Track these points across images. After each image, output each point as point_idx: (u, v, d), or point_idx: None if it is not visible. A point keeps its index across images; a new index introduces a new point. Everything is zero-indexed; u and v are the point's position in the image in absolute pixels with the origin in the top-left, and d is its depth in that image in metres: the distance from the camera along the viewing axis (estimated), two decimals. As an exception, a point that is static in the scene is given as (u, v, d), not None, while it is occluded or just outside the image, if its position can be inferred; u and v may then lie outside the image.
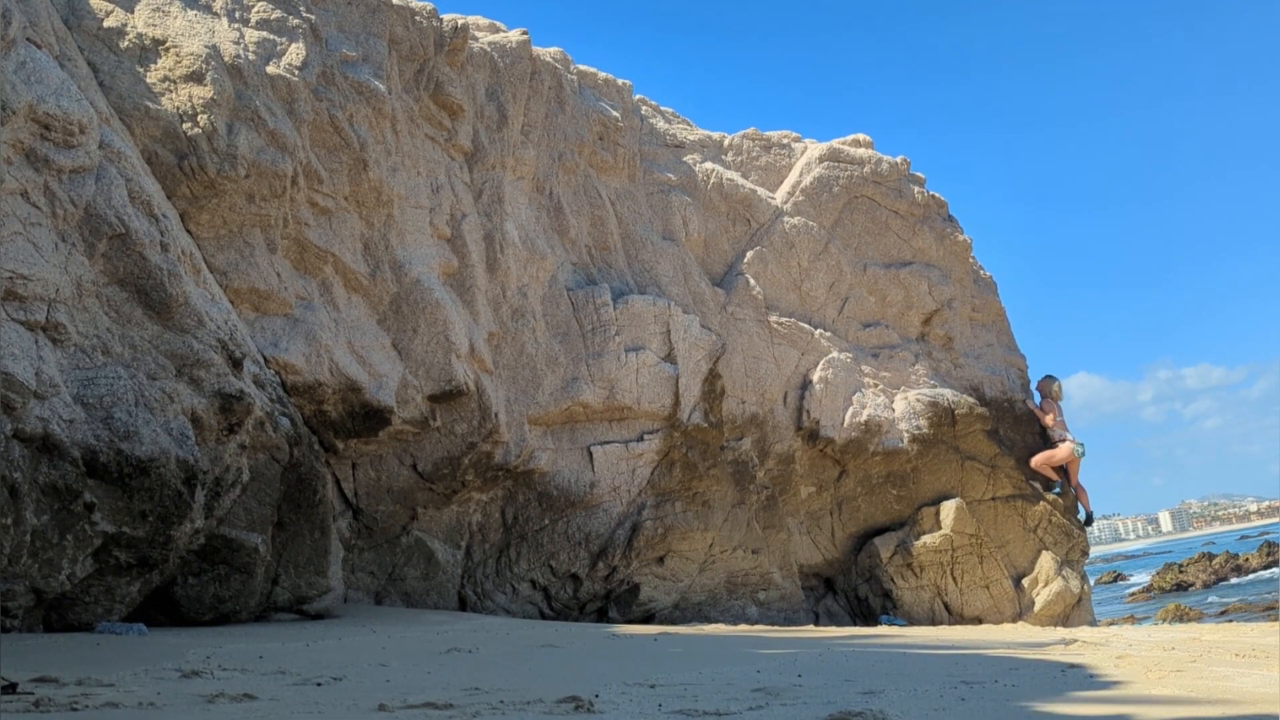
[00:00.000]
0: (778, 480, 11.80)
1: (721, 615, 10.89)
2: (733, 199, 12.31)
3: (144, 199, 5.99)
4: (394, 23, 8.59)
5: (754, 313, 11.86)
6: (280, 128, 7.10)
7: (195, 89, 6.64)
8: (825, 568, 12.50)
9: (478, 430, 8.74)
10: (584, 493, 9.83)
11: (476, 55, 9.66)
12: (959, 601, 12.19)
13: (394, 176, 8.32)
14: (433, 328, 8.34)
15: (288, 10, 7.58)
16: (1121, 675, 4.63)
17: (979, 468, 12.59)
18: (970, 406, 12.59)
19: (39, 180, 5.41)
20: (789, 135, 13.41)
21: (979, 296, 13.71)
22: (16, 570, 5.03)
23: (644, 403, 10.11)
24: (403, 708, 3.34)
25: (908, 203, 13.17)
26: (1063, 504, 13.01)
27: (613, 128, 11.13)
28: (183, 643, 5.18)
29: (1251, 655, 5.54)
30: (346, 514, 8.63)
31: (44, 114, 5.44)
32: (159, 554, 5.71)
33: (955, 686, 4.20)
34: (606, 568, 9.94)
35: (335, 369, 7.56)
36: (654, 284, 11.06)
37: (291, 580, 7.15)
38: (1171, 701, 3.69)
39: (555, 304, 10.05)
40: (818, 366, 12.02)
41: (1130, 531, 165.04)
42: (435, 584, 9.22)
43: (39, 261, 5.26)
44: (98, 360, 5.55)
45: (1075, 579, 12.59)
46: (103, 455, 5.37)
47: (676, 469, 10.41)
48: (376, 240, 8.25)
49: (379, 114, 8.12)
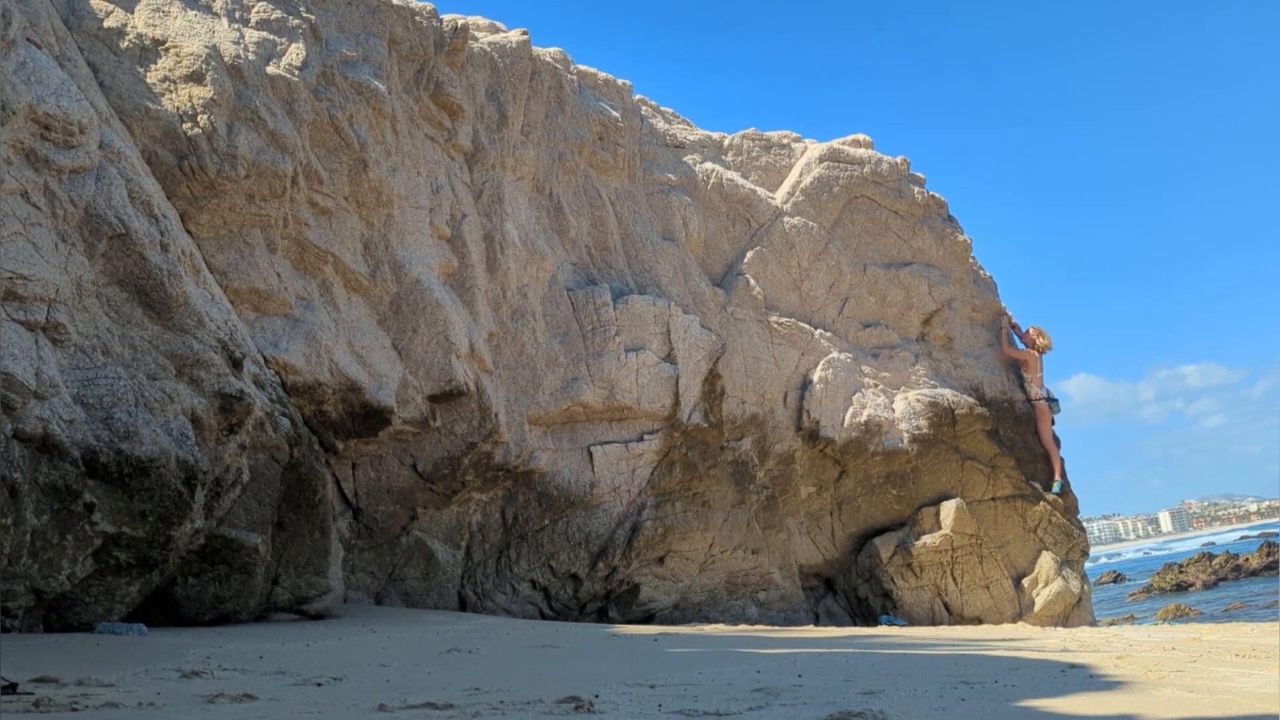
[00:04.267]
0: (778, 480, 11.80)
1: (721, 615, 10.89)
2: (733, 199, 12.31)
3: (144, 199, 5.99)
4: (394, 23, 8.59)
5: (754, 313, 11.86)
6: (280, 128, 7.10)
7: (195, 89, 6.64)
8: (825, 568, 12.50)
9: (478, 430, 8.74)
10: (584, 493, 9.83)
11: (476, 55, 9.66)
12: (959, 602, 12.18)
13: (394, 176, 8.32)
14: (433, 328, 8.34)
15: (288, 10, 7.57)
16: (1122, 675, 4.63)
17: (979, 468, 12.59)
18: (970, 406, 12.60)
19: (39, 180, 5.41)
20: (789, 135, 13.42)
21: (979, 296, 13.71)
22: (16, 570, 5.02)
23: (644, 403, 10.11)
24: (403, 708, 3.34)
25: (908, 203, 13.17)
26: (1063, 504, 13.02)
27: (613, 128, 11.13)
28: (183, 643, 5.18)
29: (1251, 655, 5.54)
30: (346, 514, 8.63)
31: (44, 114, 5.44)
32: (159, 554, 5.71)
33: (955, 686, 4.20)
34: (606, 568, 9.93)
35: (335, 369, 7.56)
36: (654, 284, 11.06)
37: (291, 580, 7.15)
38: (1172, 701, 3.69)
39: (555, 304, 10.05)
40: (818, 366, 12.03)
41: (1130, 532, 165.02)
42: (435, 584, 9.22)
43: (39, 261, 5.26)
44: (98, 360, 5.55)
45: (1075, 579, 12.58)
46: (103, 455, 5.37)
47: (676, 469, 10.41)
48: (376, 240, 8.25)
49: (379, 114, 8.12)
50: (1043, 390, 13.44)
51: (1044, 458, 13.26)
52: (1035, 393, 13.44)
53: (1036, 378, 13.50)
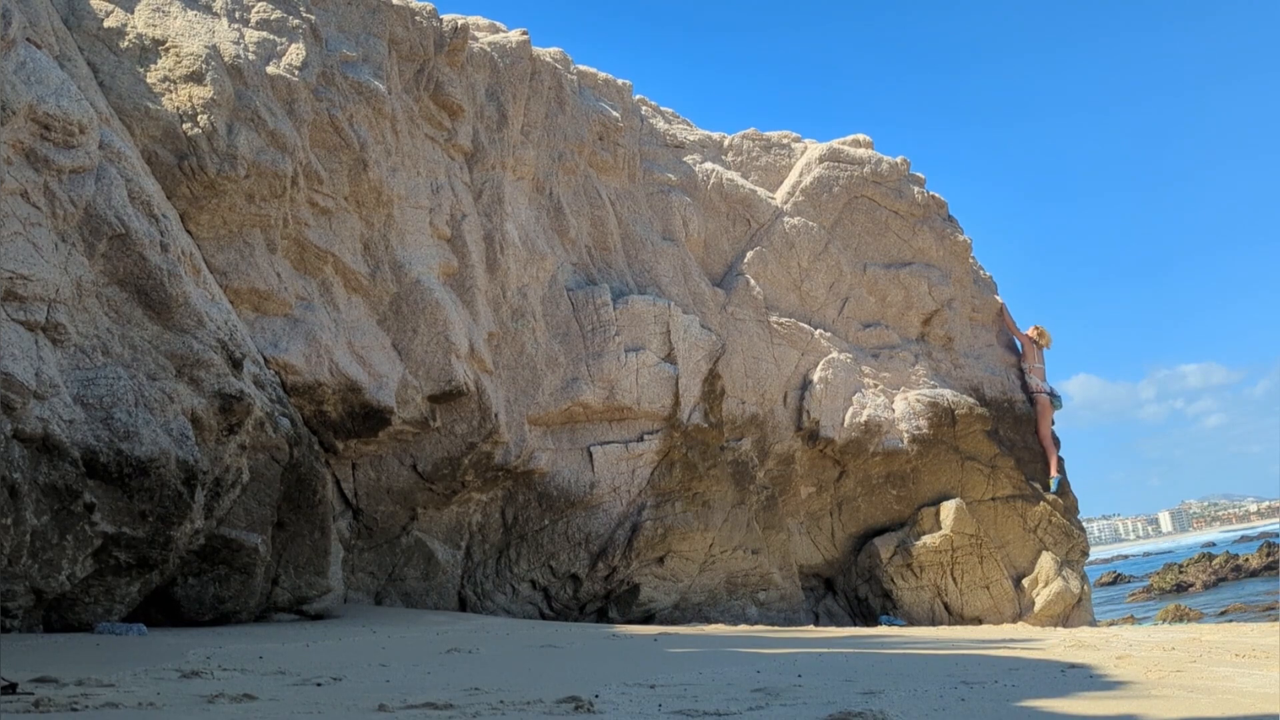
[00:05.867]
0: (778, 480, 11.80)
1: (721, 615, 10.89)
2: (733, 199, 12.31)
3: (144, 199, 5.99)
4: (394, 23, 8.59)
5: (754, 313, 11.86)
6: (280, 128, 7.10)
7: (195, 89, 6.64)
8: (825, 568, 12.50)
9: (478, 430, 8.74)
10: (584, 493, 9.83)
11: (476, 55, 9.66)
12: (959, 602, 12.18)
13: (394, 176, 8.32)
14: (433, 328, 8.34)
15: (288, 10, 7.57)
16: (1122, 675, 4.62)
17: (979, 468, 12.59)
18: (970, 407, 12.60)
19: (39, 180, 5.41)
20: (789, 135, 13.42)
21: (979, 296, 13.71)
22: (16, 570, 5.02)
23: (644, 403, 10.11)
24: (403, 708, 3.34)
25: (908, 203, 13.18)
26: (1063, 504, 13.02)
27: (613, 128, 11.13)
28: (183, 643, 5.18)
29: (1251, 655, 5.54)
30: (346, 514, 8.63)
31: (44, 114, 5.44)
32: (159, 554, 5.71)
33: (955, 686, 4.20)
34: (606, 568, 9.93)
35: (335, 369, 7.56)
36: (654, 284, 11.06)
37: (291, 580, 7.15)
38: (1172, 701, 3.69)
39: (555, 304, 10.05)
40: (818, 367, 12.03)
41: (1130, 532, 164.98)
42: (435, 584, 9.22)
43: (39, 262, 5.26)
44: (98, 360, 5.55)
45: (1075, 579, 12.59)
46: (103, 455, 5.37)
47: (676, 469, 10.41)
48: (376, 240, 8.25)
49: (379, 114, 8.12)
50: (1045, 384, 13.48)
51: (1042, 455, 13.27)
52: (1036, 384, 13.49)
53: (1037, 367, 13.58)
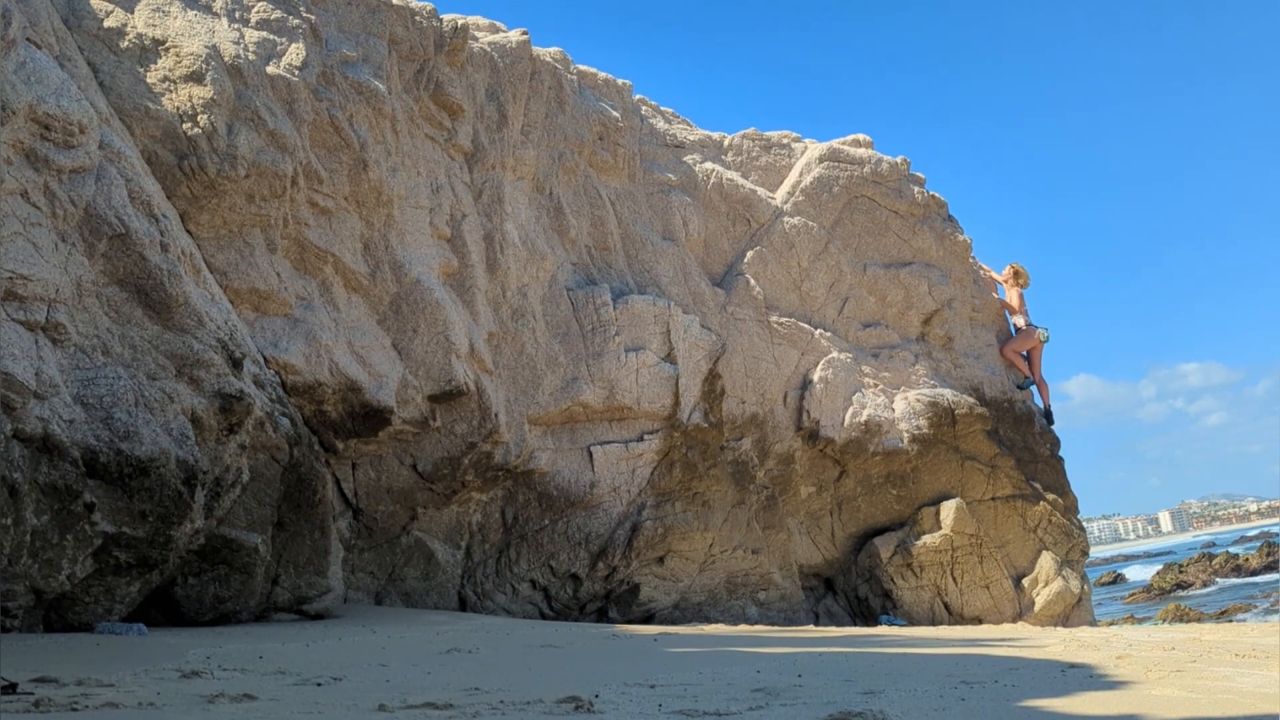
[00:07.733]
0: (778, 480, 11.80)
1: (721, 615, 10.89)
2: (733, 199, 12.30)
3: (144, 199, 5.99)
4: (394, 23, 8.59)
5: (754, 313, 11.86)
6: (280, 128, 7.10)
7: (195, 89, 6.64)
8: (825, 568, 12.50)
9: (478, 430, 8.74)
10: (584, 493, 9.83)
11: (476, 55, 9.66)
12: (959, 601, 12.19)
13: (394, 176, 8.32)
14: (433, 328, 8.34)
15: (288, 10, 7.58)
16: (1122, 675, 4.62)
17: (979, 468, 12.59)
18: (970, 406, 12.60)
19: (39, 180, 5.41)
20: (789, 135, 13.42)
21: (979, 296, 13.71)
22: (16, 570, 5.03)
23: (644, 403, 10.11)
24: (403, 708, 3.34)
25: (908, 203, 13.18)
26: (1063, 504, 13.02)
27: (613, 128, 11.13)
28: (183, 643, 5.18)
29: (1251, 655, 5.54)
30: (346, 514, 8.63)
31: (44, 114, 5.44)
32: (159, 554, 5.71)
33: (955, 686, 4.20)
34: (606, 568, 9.94)
35: (335, 369, 7.56)
36: (654, 284, 11.06)
37: (291, 580, 7.15)
38: (1172, 701, 3.69)
39: (555, 304, 10.05)
40: (818, 366, 12.03)
41: (1130, 531, 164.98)
42: (435, 584, 9.22)
43: (39, 261, 5.26)
44: (98, 360, 5.55)
45: (1075, 579, 12.59)
46: (103, 455, 5.37)
47: (676, 469, 10.41)
48: (376, 240, 8.25)
49: (379, 114, 8.12)
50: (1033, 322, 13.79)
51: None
52: (1021, 322, 13.73)
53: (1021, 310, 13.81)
